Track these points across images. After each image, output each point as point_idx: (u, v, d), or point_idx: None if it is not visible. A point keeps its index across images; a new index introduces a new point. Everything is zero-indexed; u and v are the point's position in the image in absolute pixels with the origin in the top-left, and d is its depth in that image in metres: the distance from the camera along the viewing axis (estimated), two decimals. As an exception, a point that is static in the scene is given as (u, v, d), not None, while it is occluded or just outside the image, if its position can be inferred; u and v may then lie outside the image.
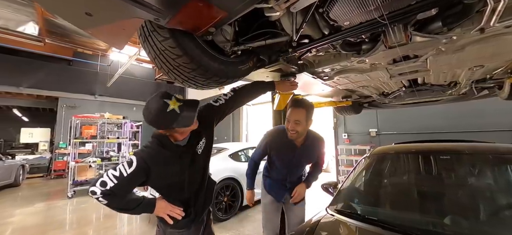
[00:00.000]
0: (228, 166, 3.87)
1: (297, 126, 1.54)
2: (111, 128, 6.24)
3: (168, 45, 0.96)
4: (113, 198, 1.04)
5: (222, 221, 3.60)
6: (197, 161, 1.21)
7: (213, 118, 1.30)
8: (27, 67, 8.74)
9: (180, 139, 1.14)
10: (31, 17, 7.63)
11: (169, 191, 1.19)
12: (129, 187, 1.08)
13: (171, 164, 1.13)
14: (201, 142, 1.23)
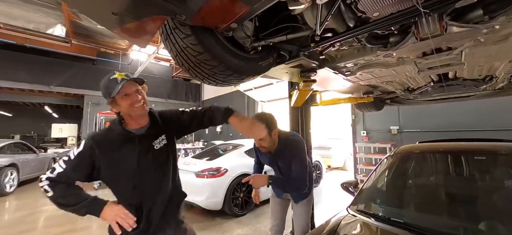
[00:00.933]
0: (244, 162, 3.89)
1: (262, 142, 1.61)
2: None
3: (190, 42, 0.96)
4: (56, 187, 0.97)
5: (239, 216, 3.64)
6: (155, 158, 1.10)
7: (175, 123, 1.23)
8: (56, 67, 9.32)
9: (135, 127, 1.10)
10: (59, 19, 8.10)
11: (120, 187, 1.07)
12: (75, 173, 1.01)
13: (120, 150, 1.05)
14: (160, 138, 1.15)
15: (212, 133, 11.03)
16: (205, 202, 3.37)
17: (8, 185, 5.09)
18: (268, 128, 1.53)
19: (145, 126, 1.13)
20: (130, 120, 1.10)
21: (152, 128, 1.14)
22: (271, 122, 1.57)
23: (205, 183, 3.38)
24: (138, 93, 1.08)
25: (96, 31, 9.08)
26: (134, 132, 1.09)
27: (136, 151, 1.07)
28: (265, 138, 1.55)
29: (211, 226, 3.32)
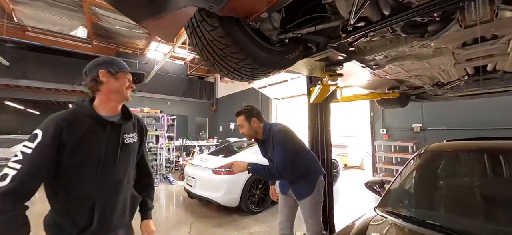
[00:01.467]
0: (260, 159, 3.85)
1: (242, 129, 1.82)
2: (150, 121, 6.71)
3: (217, 34, 0.94)
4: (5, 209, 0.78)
5: (255, 213, 3.63)
6: (122, 150, 1.05)
7: (142, 134, 1.22)
8: (79, 67, 9.70)
9: (106, 113, 1.04)
10: (81, 21, 8.46)
11: (82, 175, 0.96)
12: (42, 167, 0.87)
13: (88, 133, 0.97)
14: (132, 134, 1.12)
15: (226, 130, 11.11)
16: (221, 199, 3.39)
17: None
18: (246, 116, 1.78)
19: (117, 115, 1.10)
20: (106, 104, 1.05)
21: (124, 120, 1.11)
22: (249, 111, 1.81)
23: (222, 179, 3.40)
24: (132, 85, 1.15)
25: (115, 32, 9.40)
26: (105, 117, 1.04)
27: (106, 137, 1.01)
28: (243, 125, 1.79)
29: (228, 223, 3.33)
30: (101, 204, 1.00)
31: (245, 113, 1.80)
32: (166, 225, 3.31)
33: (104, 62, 1.07)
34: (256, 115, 1.83)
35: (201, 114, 12.54)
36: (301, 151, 1.87)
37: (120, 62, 1.12)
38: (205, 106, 12.73)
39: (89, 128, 0.99)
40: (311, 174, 1.86)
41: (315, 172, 1.88)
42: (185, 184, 4.07)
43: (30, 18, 7.76)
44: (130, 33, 9.50)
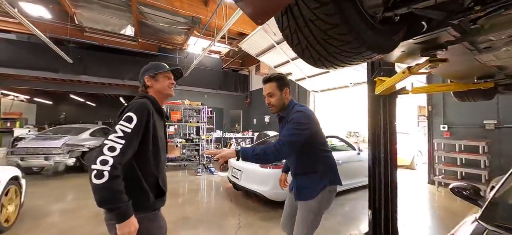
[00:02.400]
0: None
1: (271, 98, 1.59)
2: (191, 113, 7.00)
3: (324, 13, 0.80)
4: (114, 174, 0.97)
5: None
6: (165, 136, 1.32)
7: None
8: (127, 63, 10.64)
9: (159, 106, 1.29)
10: (129, 21, 9.11)
11: (156, 151, 1.19)
12: (135, 144, 1.08)
13: (158, 121, 1.24)
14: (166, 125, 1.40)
15: (260, 123, 11.09)
16: (269, 193, 3.34)
17: (99, 163, 6.07)
18: (278, 83, 1.57)
19: (163, 110, 1.35)
20: (159, 99, 1.30)
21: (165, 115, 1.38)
22: (283, 79, 1.61)
23: (269, 173, 3.33)
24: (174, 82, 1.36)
25: (158, 29, 9.95)
26: (162, 110, 1.31)
27: (163, 126, 1.31)
28: (274, 93, 1.57)
29: (276, 218, 3.27)
30: (162, 177, 1.25)
31: (278, 80, 1.58)
32: (214, 215, 3.38)
33: (146, 69, 1.33)
34: (288, 86, 1.62)
35: (235, 107, 12.74)
36: (318, 146, 1.56)
37: (158, 65, 1.33)
38: (239, 99, 12.89)
39: (156, 116, 1.22)
40: (319, 176, 1.55)
41: (324, 176, 1.56)
42: (229, 176, 4.12)
43: (87, 19, 8.62)
44: (171, 29, 9.97)
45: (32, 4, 7.47)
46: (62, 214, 3.34)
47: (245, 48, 6.70)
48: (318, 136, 1.57)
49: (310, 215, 1.51)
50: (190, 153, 6.96)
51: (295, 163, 1.64)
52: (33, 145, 5.15)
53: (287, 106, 1.61)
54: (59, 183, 4.90)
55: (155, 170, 1.19)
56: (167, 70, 1.31)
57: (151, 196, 1.15)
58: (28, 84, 9.88)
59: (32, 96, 13.28)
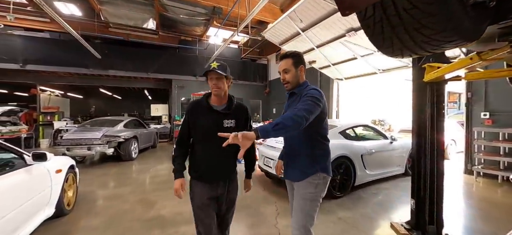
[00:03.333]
0: (342, 143, 3.69)
1: (286, 75, 1.58)
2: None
3: (423, 0, 0.78)
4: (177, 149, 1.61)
5: (337, 198, 3.53)
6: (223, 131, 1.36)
7: (243, 120, 1.60)
8: (150, 56, 10.95)
9: (215, 103, 1.53)
10: (151, 14, 9.29)
11: (197, 136, 1.55)
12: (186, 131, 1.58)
13: (203, 115, 1.50)
14: (229, 120, 1.52)
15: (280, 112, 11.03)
16: (303, 182, 3.39)
17: (133, 152, 6.47)
18: (295, 60, 1.56)
19: (222, 105, 1.54)
20: (213, 97, 1.54)
21: (226, 110, 1.53)
22: (299, 56, 1.59)
23: (304, 163, 3.37)
24: (217, 81, 1.47)
25: (178, 21, 10.07)
26: (213, 107, 1.52)
27: (211, 120, 1.49)
28: (290, 69, 1.56)
29: (310, 206, 3.34)
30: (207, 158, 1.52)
31: (293, 56, 1.56)
32: (251, 201, 3.50)
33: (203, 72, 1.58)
34: (304, 64, 1.60)
35: (254, 97, 12.77)
36: (318, 130, 1.53)
37: (206, 68, 1.56)
38: (258, 89, 12.88)
39: (203, 112, 1.51)
40: (311, 160, 1.51)
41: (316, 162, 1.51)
42: (261, 164, 4.21)
43: (112, 15, 8.91)
44: (190, 21, 10.06)
45: (65, 2, 7.85)
46: (111, 199, 3.63)
47: (268, 36, 6.62)
48: (321, 122, 1.54)
49: (306, 203, 1.50)
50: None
51: (290, 141, 1.61)
52: (77, 136, 5.58)
53: (301, 85, 1.58)
54: (101, 171, 5.30)
55: (198, 150, 1.55)
56: (203, 74, 1.53)
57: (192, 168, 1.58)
58: (62, 80, 10.56)
59: (66, 91, 14.21)
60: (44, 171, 2.45)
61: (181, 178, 1.55)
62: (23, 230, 2.07)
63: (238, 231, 2.64)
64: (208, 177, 1.53)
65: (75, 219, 2.92)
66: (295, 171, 1.56)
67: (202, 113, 1.50)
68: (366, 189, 4.01)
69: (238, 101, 1.62)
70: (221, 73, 1.44)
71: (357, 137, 4.16)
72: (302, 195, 1.51)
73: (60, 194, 2.76)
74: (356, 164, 3.71)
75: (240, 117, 1.58)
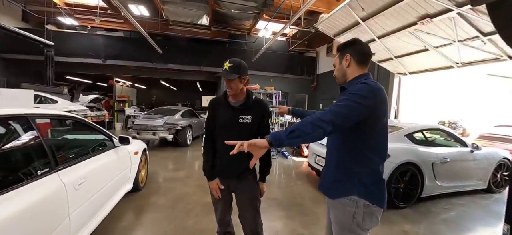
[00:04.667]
0: (408, 148, 3.26)
1: (335, 72, 1.32)
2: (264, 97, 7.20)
3: None
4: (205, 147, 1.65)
5: (400, 208, 3.17)
6: (237, 127, 1.50)
7: (259, 117, 1.55)
8: (203, 51, 11.69)
9: (232, 100, 1.54)
10: (205, 11, 9.84)
11: (216, 130, 1.58)
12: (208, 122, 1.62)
13: (221, 110, 1.54)
14: (246, 116, 1.51)
15: (329, 109, 10.50)
16: (361, 187, 3.14)
17: (188, 139, 7.10)
18: (341, 50, 1.27)
19: (238, 102, 1.53)
20: (230, 95, 1.53)
21: (243, 106, 1.52)
22: (345, 44, 1.25)
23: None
24: (230, 83, 1.44)
25: (229, 15, 10.41)
26: (230, 103, 1.53)
27: (227, 115, 1.52)
28: (336, 62, 1.29)
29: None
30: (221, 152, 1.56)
31: (340, 47, 1.27)
32: (302, 200, 3.43)
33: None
34: (354, 52, 1.22)
35: (300, 91, 12.41)
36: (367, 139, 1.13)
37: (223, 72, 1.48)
38: (305, 83, 12.47)
39: (221, 105, 1.55)
40: (349, 178, 1.15)
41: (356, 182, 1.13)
42: (312, 162, 4.08)
43: (172, 13, 9.75)
44: (241, 15, 10.27)
45: (137, 5, 8.96)
46: (174, 181, 4.06)
47: (322, 28, 6.26)
48: (371, 128, 1.12)
49: (344, 232, 1.17)
50: (262, 136, 7.26)
51: (330, 144, 1.30)
52: (144, 122, 6.42)
53: (353, 78, 1.21)
54: (163, 155, 5.98)
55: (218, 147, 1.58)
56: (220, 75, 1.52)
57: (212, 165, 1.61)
58: (131, 72, 12.19)
59: (133, 82, 16.44)
60: (126, 153, 2.87)
61: (213, 180, 1.58)
62: (114, 198, 2.52)
63: (293, 230, 2.61)
64: (220, 173, 1.58)
65: (147, 195, 3.37)
66: (324, 183, 1.29)
67: (221, 109, 1.55)
68: (435, 202, 3.48)
69: (258, 98, 1.62)
70: (229, 77, 1.41)
71: (427, 142, 3.61)
72: (335, 219, 1.22)
73: (137, 173, 3.21)
74: (425, 173, 3.24)
75: (257, 113, 1.54)
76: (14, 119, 1.60)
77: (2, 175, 1.38)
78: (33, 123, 1.66)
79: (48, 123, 2.24)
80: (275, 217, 2.85)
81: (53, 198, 1.52)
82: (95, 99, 9.25)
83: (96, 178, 2.09)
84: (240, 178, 1.57)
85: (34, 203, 1.35)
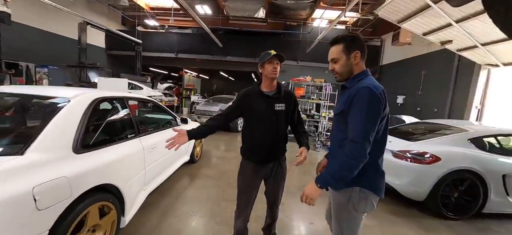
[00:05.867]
0: (468, 153, 2.82)
1: (335, 65, 1.28)
2: (313, 90, 7.12)
3: None
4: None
5: (447, 219, 2.82)
6: (273, 113, 1.61)
7: (291, 104, 1.70)
8: (259, 43, 12.19)
9: (266, 89, 1.64)
10: (261, 4, 10.21)
11: (250, 122, 1.67)
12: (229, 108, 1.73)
13: (255, 100, 1.62)
14: (280, 104, 1.63)
15: (391, 105, 9.38)
16: (403, 188, 2.93)
17: (239, 125, 7.82)
18: (345, 45, 1.22)
19: (273, 90, 1.65)
20: (265, 83, 1.64)
21: (277, 94, 1.64)
22: (353, 40, 1.23)
23: (407, 167, 2.88)
24: (277, 66, 1.58)
25: (285, 7, 10.48)
26: (264, 92, 1.63)
27: (263, 104, 1.61)
28: (340, 58, 1.25)
29: (408, 216, 2.87)
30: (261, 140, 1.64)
31: (346, 41, 1.22)
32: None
33: (259, 60, 1.62)
34: (362, 49, 1.23)
35: (358, 84, 11.50)
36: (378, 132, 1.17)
37: (264, 55, 1.57)
38: (365, 75, 11.43)
39: (256, 98, 1.62)
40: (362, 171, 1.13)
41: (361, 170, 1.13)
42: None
43: (232, 9, 10.52)
44: (297, 5, 10.18)
45: (202, 5, 10.12)
46: (222, 159, 4.73)
47: (383, 14, 5.66)
48: (380, 123, 1.17)
49: (344, 213, 1.28)
50: (309, 129, 7.27)
51: (333, 141, 1.37)
52: (203, 108, 7.48)
53: (355, 76, 1.24)
54: (216, 137, 6.83)
55: (251, 132, 1.67)
56: (269, 58, 1.54)
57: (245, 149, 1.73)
58: (197, 64, 13.89)
59: (198, 73, 18.65)
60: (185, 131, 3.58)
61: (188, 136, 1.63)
62: (175, 164, 3.27)
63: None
64: (258, 158, 1.67)
65: (200, 167, 4.09)
66: None
67: (255, 99, 1.61)
68: (503, 221, 2.90)
69: (286, 89, 1.73)
70: (283, 56, 1.56)
71: (501, 150, 3.00)
72: (338, 202, 1.32)
73: (193, 148, 3.94)
74: (491, 185, 2.74)
75: (289, 102, 1.68)
76: (117, 99, 2.35)
77: (111, 134, 2.11)
78: (126, 103, 2.40)
79: (136, 104, 3.08)
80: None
81: (136, 154, 2.21)
82: (168, 87, 11.15)
83: (163, 146, 2.78)
84: (280, 160, 1.75)
85: (127, 154, 2.05)
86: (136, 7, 11.14)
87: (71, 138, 1.58)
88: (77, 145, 1.59)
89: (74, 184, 1.44)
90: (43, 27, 9.01)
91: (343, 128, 1.21)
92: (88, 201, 1.55)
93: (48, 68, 8.32)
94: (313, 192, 1.19)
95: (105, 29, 8.99)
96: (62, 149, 1.51)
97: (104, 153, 1.81)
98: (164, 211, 2.60)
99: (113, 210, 1.80)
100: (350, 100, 1.15)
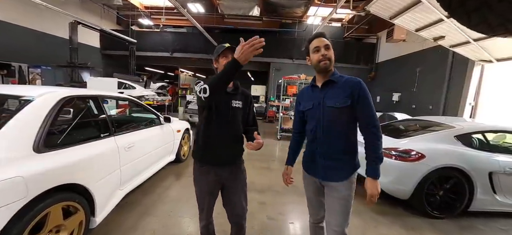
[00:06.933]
0: (453, 150, 2.77)
1: (328, 51, 1.36)
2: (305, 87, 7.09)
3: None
4: None
5: (432, 217, 2.77)
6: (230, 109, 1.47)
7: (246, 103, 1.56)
8: (254, 41, 12.13)
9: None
10: (256, 1, 10.15)
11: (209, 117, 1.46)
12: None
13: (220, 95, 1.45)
14: (237, 102, 1.50)
15: (386, 102, 9.34)
16: (387, 186, 2.88)
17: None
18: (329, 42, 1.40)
19: (230, 87, 1.51)
20: None
21: (234, 91, 1.52)
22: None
23: (393, 164, 2.83)
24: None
25: (279, 4, 10.42)
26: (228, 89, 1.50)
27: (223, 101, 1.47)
28: (330, 47, 1.39)
29: (392, 215, 2.83)
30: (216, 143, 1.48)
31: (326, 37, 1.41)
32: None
33: (214, 54, 1.49)
34: None
35: (354, 82, 11.44)
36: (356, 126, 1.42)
37: (218, 49, 1.45)
38: (361, 73, 11.34)
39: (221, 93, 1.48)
40: (349, 158, 1.40)
41: (353, 159, 1.41)
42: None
43: (226, 7, 10.46)
44: (291, 3, 10.13)
45: (194, 3, 10.05)
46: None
47: (375, 10, 5.59)
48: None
49: (348, 204, 1.39)
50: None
51: (331, 141, 1.38)
52: (195, 107, 7.38)
53: (335, 71, 1.43)
54: (209, 136, 6.81)
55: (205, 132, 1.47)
56: (222, 51, 1.42)
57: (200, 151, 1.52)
58: (192, 63, 13.84)
59: (194, 72, 18.58)
60: (170, 130, 3.53)
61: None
62: (160, 163, 3.26)
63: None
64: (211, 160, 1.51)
65: (186, 166, 4.03)
66: (339, 172, 1.39)
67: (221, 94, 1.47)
68: (488, 219, 2.84)
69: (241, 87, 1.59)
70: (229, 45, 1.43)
71: (489, 147, 2.95)
72: (345, 197, 1.39)
73: (179, 147, 3.89)
74: (477, 183, 2.69)
75: (246, 100, 1.56)
76: (90, 98, 2.31)
77: (81, 133, 2.07)
78: (101, 102, 2.35)
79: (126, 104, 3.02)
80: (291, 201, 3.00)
81: (109, 153, 2.16)
82: (161, 87, 11.09)
83: (141, 145, 2.74)
84: (236, 163, 1.57)
85: (98, 153, 2.01)
86: (131, 7, 11.08)
87: (32, 137, 1.54)
88: (39, 144, 1.55)
89: (32, 183, 1.40)
90: (36, 27, 8.97)
91: (343, 120, 1.35)
92: (49, 201, 1.51)
93: (41, 69, 8.29)
94: (376, 187, 1.32)
95: (97, 29, 8.95)
96: (21, 148, 1.47)
97: (70, 152, 1.76)
98: (144, 211, 2.55)
99: (80, 211, 1.76)
100: (357, 94, 1.30)
